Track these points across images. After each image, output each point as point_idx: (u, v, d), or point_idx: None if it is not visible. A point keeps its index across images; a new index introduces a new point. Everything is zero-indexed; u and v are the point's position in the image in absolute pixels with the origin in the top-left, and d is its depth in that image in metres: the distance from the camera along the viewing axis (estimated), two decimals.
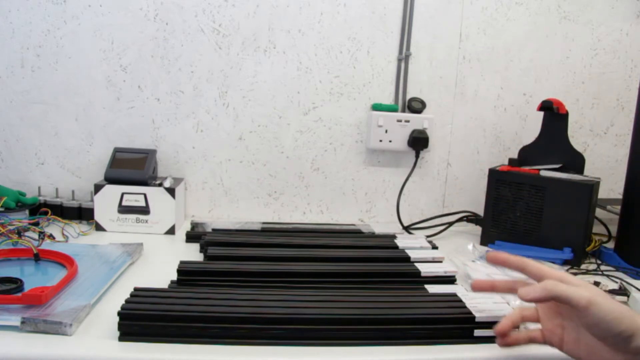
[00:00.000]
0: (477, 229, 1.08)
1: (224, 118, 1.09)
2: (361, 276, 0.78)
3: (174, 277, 0.74)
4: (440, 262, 0.84)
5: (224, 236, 0.93)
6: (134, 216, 0.99)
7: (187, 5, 1.04)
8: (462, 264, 0.88)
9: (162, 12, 1.04)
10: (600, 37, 1.16)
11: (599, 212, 1.02)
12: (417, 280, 0.79)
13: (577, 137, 1.19)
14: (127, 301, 0.63)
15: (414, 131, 1.10)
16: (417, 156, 1.12)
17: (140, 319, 0.60)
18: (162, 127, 1.09)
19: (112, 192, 0.98)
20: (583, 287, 0.52)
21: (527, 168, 1.01)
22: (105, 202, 0.99)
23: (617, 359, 0.51)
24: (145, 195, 0.99)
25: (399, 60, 1.11)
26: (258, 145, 1.11)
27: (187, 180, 1.11)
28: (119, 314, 0.60)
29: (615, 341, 0.50)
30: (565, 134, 1.02)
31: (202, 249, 0.90)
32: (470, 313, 0.64)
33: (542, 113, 1.04)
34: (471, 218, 1.13)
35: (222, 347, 0.60)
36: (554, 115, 1.02)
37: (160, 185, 1.00)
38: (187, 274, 0.74)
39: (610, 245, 1.00)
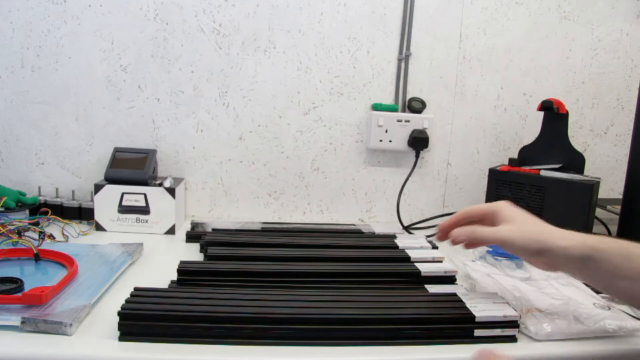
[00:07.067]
0: None
1: (224, 118, 1.09)
2: (361, 276, 0.78)
3: (174, 277, 0.74)
4: (440, 262, 0.84)
5: (224, 236, 0.93)
6: (134, 216, 0.99)
7: (187, 5, 1.04)
8: (462, 264, 0.88)
9: (162, 12, 1.04)
10: (600, 37, 1.16)
11: (599, 212, 1.02)
12: (417, 280, 0.79)
13: (577, 137, 1.19)
14: (127, 301, 0.63)
15: (414, 131, 1.10)
16: (417, 156, 1.12)
17: (141, 319, 0.60)
18: (162, 127, 1.09)
19: (112, 192, 0.98)
20: (505, 223, 0.63)
21: (527, 168, 1.01)
22: (105, 202, 0.99)
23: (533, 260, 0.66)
24: (145, 195, 0.99)
25: (399, 60, 1.11)
26: (258, 145, 1.11)
27: (187, 180, 1.11)
28: (119, 314, 0.60)
29: (528, 258, 0.66)
30: (565, 134, 1.02)
31: (202, 249, 0.90)
32: (470, 313, 0.64)
33: (542, 113, 1.04)
34: None
35: (223, 347, 0.60)
36: (554, 115, 1.02)
37: (160, 185, 0.99)
38: (187, 274, 0.74)
39: None
